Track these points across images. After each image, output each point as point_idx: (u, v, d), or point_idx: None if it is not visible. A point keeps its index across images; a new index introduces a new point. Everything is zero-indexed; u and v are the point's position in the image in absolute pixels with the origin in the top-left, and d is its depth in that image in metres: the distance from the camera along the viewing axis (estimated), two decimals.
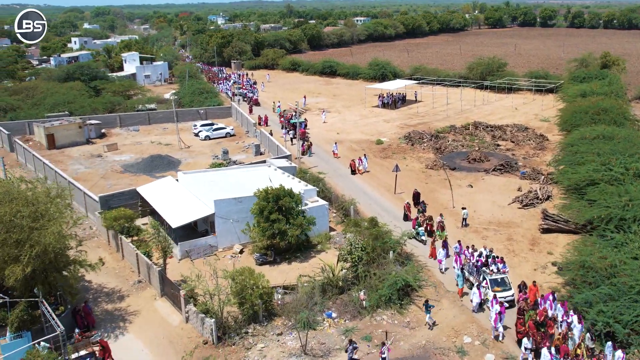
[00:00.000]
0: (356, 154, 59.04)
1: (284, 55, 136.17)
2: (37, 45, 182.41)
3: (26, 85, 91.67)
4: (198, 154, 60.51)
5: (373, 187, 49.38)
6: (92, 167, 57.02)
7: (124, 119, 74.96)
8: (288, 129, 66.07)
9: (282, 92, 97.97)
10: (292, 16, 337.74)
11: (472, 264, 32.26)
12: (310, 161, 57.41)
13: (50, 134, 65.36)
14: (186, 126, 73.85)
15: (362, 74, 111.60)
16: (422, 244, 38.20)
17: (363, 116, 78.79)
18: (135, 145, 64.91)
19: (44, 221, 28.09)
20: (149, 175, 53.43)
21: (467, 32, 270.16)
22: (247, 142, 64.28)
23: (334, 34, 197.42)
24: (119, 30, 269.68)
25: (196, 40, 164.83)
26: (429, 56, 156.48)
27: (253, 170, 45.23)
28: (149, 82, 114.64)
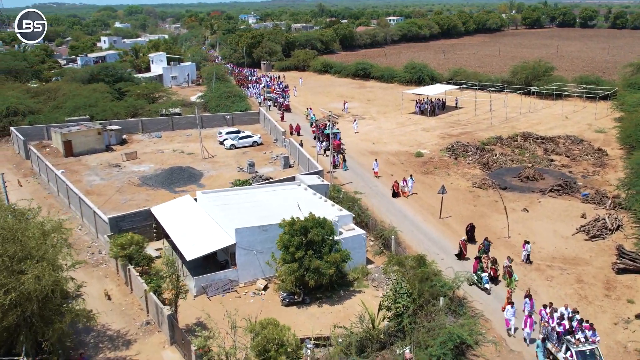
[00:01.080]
0: (394, 169, 53.72)
1: (316, 57, 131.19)
2: (66, 44, 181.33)
3: (48, 86, 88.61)
4: (222, 165, 55.89)
5: (415, 209, 43.96)
6: (108, 179, 52.85)
7: (147, 125, 70.90)
8: (322, 140, 60.82)
9: (314, 96, 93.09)
10: (324, 15, 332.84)
11: (552, 329, 26.51)
12: (344, 176, 52.24)
13: (67, 140, 61.58)
14: (211, 133, 69.44)
15: (398, 77, 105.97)
16: (486, 293, 31.87)
17: (400, 124, 73.30)
18: (155, 154, 60.64)
19: (30, 262, 23.53)
20: (168, 190, 49.01)
21: (503, 32, 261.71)
22: (275, 153, 59.46)
23: (366, 34, 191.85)
24: (150, 29, 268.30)
25: (226, 40, 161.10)
26: (466, 58, 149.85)
27: (280, 189, 40.29)
28: (175, 83, 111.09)
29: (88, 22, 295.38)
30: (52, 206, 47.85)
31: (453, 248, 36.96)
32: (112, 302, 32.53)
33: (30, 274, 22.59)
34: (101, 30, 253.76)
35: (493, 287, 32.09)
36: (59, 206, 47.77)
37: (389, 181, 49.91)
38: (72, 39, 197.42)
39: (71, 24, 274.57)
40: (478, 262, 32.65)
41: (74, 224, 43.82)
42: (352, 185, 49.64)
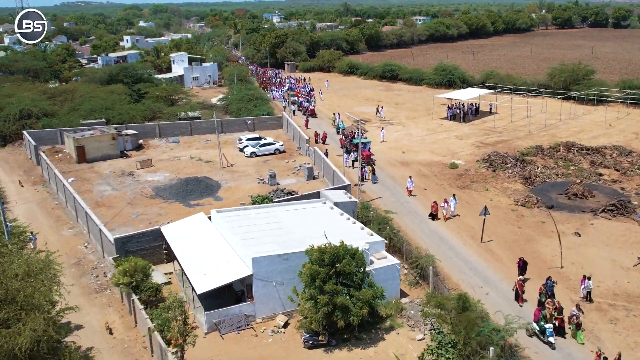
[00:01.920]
0: (427, 182, 49.43)
1: (341, 57, 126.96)
2: (90, 43, 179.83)
3: (66, 87, 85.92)
4: (241, 176, 52.17)
5: (452, 231, 39.68)
6: (120, 189, 49.49)
7: (164, 129, 67.59)
8: (350, 150, 56.55)
9: (339, 99, 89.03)
10: (349, 15, 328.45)
11: None
12: (373, 190, 48.10)
13: (80, 146, 58.50)
14: (231, 139, 65.89)
15: (427, 79, 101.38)
16: (550, 348, 26.67)
17: (431, 130, 68.88)
18: (171, 162, 57.20)
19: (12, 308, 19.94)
20: (182, 203, 45.44)
21: (533, 32, 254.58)
22: (298, 162, 55.58)
23: (393, 34, 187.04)
24: (174, 28, 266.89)
25: (249, 40, 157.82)
26: (496, 59, 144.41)
27: (304, 208, 36.37)
28: (196, 84, 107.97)
29: (113, 21, 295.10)
30: (60, 218, 44.72)
31: (498, 279, 32.69)
32: (113, 337, 28.94)
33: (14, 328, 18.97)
34: (125, 29, 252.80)
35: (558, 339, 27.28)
36: (66, 218, 44.53)
37: (423, 197, 45.73)
38: (95, 38, 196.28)
39: (96, 23, 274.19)
40: (540, 310, 27.77)
41: (80, 240, 40.62)
42: (382, 200, 45.51)
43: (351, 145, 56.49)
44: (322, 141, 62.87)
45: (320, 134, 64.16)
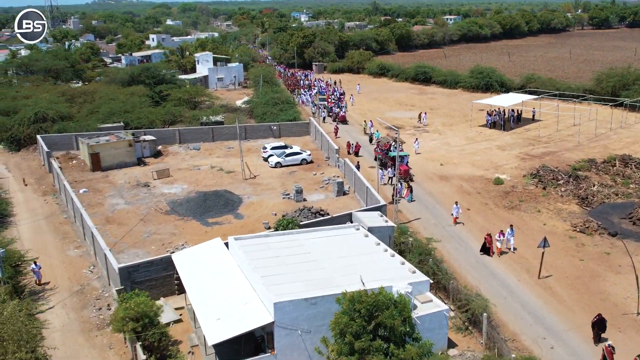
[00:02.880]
0: (470, 201, 44.46)
1: (371, 58, 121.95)
2: (116, 42, 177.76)
3: (85, 88, 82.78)
4: (265, 189, 47.82)
5: (504, 262, 34.73)
6: (133, 202, 45.58)
7: (184, 135, 63.74)
8: (385, 163, 51.41)
9: (369, 103, 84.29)
10: (378, 14, 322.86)
11: None
12: (410, 209, 43.33)
13: (94, 153, 54.89)
14: (254, 146, 61.77)
15: (462, 82, 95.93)
16: None
17: (470, 139, 63.75)
18: (190, 172, 53.17)
19: None
20: (199, 221, 41.30)
21: (569, 32, 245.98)
22: (326, 174, 51.04)
23: (424, 33, 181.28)
24: (201, 26, 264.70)
25: (276, 39, 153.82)
26: (533, 61, 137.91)
27: (334, 235, 31.81)
28: (221, 85, 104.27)
29: (140, 19, 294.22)
30: (67, 235, 40.94)
31: (563, 328, 27.70)
32: None
33: None
34: (152, 28, 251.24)
35: None
36: (74, 235, 40.73)
37: (467, 218, 40.81)
38: (122, 37, 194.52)
39: (123, 21, 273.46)
40: None
41: (86, 262, 36.70)
42: (421, 222, 40.75)
43: (387, 159, 51.55)
44: (355, 153, 58.03)
45: (353, 144, 59.21)
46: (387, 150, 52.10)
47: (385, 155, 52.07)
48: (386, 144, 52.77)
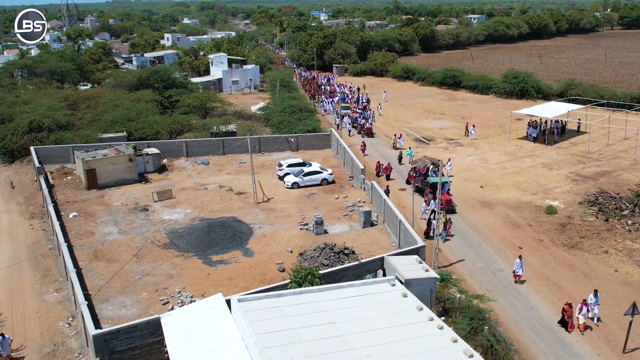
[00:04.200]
0: (521, 235, 37.64)
1: (395, 60, 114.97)
2: (130, 40, 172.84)
3: (89, 93, 77.12)
4: (280, 217, 41.40)
5: (578, 330, 27.90)
6: (128, 232, 39.47)
7: (192, 147, 57.69)
8: (419, 185, 44.34)
9: (395, 111, 77.56)
10: (399, 12, 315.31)
11: None
12: (451, 247, 36.64)
13: (90, 169, 48.97)
14: (269, 161, 55.53)
15: (495, 87, 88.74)
16: None
17: (510, 155, 56.82)
18: (196, 192, 46.95)
19: None
20: (202, 258, 35.06)
21: (598, 33, 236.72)
22: (350, 199, 44.45)
23: (449, 33, 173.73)
24: (218, 25, 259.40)
25: (295, 39, 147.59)
26: (565, 63, 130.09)
27: (364, 295, 25.30)
28: (236, 89, 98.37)
29: (157, 18, 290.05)
30: (49, 272, 34.99)
31: None
32: None
33: None
34: (169, 27, 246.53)
35: None
36: (55, 274, 34.72)
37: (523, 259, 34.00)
38: (136, 36, 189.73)
39: (140, 20, 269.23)
40: None
41: (65, 311, 30.61)
42: (466, 265, 34.07)
43: (425, 185, 44.04)
44: (386, 175, 50.52)
45: (384, 165, 51.56)
46: (424, 174, 44.81)
47: (422, 180, 44.67)
48: (423, 166, 45.32)
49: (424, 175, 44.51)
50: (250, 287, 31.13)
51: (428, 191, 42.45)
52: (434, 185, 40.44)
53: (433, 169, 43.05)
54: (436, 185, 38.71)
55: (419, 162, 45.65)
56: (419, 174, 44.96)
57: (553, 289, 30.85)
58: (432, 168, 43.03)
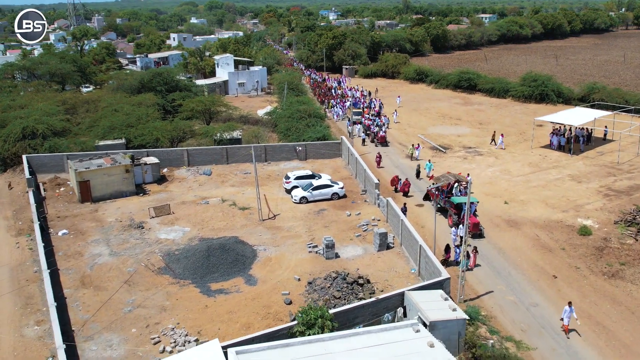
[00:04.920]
0: (553, 261, 33.84)
1: (407, 62, 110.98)
2: (136, 40, 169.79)
3: (88, 97, 73.89)
4: (286, 237, 37.81)
5: None
6: (120, 253, 36.01)
7: (194, 156, 54.25)
8: (442, 205, 39.92)
9: (408, 115, 73.71)
10: (409, 12, 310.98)
11: None
12: (478, 276, 32.83)
13: (83, 181, 45.61)
14: (275, 171, 51.99)
15: (512, 90, 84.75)
16: None
17: (534, 166, 52.96)
18: (196, 207, 43.44)
19: None
20: (199, 287, 31.54)
21: (613, 33, 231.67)
22: (364, 216, 40.77)
23: (461, 34, 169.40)
24: (226, 25, 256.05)
25: (303, 39, 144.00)
26: (583, 65, 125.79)
27: (383, 344, 21.68)
28: (242, 91, 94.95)
29: (165, 17, 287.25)
30: (31, 300, 31.55)
31: None
32: None
33: None
34: (177, 26, 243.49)
35: None
36: (38, 302, 31.23)
37: (556, 294, 30.22)
38: (143, 35, 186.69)
39: (147, 19, 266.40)
40: None
41: (44, 349, 27.19)
42: (495, 298, 30.31)
43: (449, 206, 39.15)
44: (404, 192, 45.76)
45: (402, 180, 46.67)
46: (448, 192, 40.49)
47: (446, 200, 40.05)
48: (446, 184, 40.85)
49: (447, 193, 40.33)
50: (252, 323, 27.63)
51: (452, 212, 38.21)
52: (459, 206, 36.58)
53: (458, 187, 39.07)
54: (462, 206, 35.00)
55: (441, 179, 40.83)
56: (442, 191, 40.71)
57: (597, 329, 27.08)
58: (456, 186, 39.04)
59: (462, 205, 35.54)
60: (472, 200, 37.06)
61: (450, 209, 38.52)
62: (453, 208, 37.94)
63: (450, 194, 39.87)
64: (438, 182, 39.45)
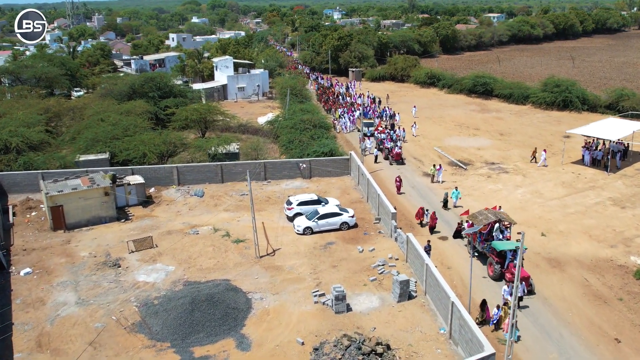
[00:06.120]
0: (609, 314, 27.81)
1: (417, 64, 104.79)
2: (135, 40, 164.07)
3: (74, 104, 68.14)
4: (288, 281, 31.78)
5: None
6: (88, 302, 30.09)
7: (184, 174, 48.35)
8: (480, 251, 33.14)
9: (421, 124, 67.32)
10: (415, 11, 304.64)
11: None
12: (525, 340, 26.68)
13: (56, 205, 39.77)
14: (276, 192, 46.03)
15: (533, 96, 78.60)
16: None
17: (568, 186, 46.87)
18: (184, 239, 37.51)
19: None
20: (179, 353, 25.58)
21: (626, 33, 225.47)
22: (379, 252, 34.69)
23: (471, 34, 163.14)
24: (228, 24, 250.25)
25: (307, 40, 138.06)
26: (600, 67, 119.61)
27: None
28: (242, 96, 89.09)
29: (166, 17, 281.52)
30: None
31: None
32: None
33: None
34: (177, 26, 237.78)
35: None
36: None
37: None
38: (142, 35, 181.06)
39: (147, 18, 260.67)
40: None
41: None
42: None
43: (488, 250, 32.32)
44: (430, 227, 38.27)
45: (428, 213, 39.38)
46: (487, 234, 33.27)
47: (484, 242, 33.04)
48: (487, 224, 32.65)
49: (487, 235, 33.19)
50: None
51: (494, 261, 31.17)
52: (502, 254, 30.33)
53: (499, 227, 32.59)
54: (506, 253, 28.75)
55: (479, 217, 32.85)
56: (481, 234, 33.00)
57: None
58: (497, 226, 32.58)
59: (507, 253, 29.41)
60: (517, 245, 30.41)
61: (490, 255, 31.85)
62: (494, 256, 31.29)
63: (489, 235, 33.13)
64: (475, 222, 32.55)
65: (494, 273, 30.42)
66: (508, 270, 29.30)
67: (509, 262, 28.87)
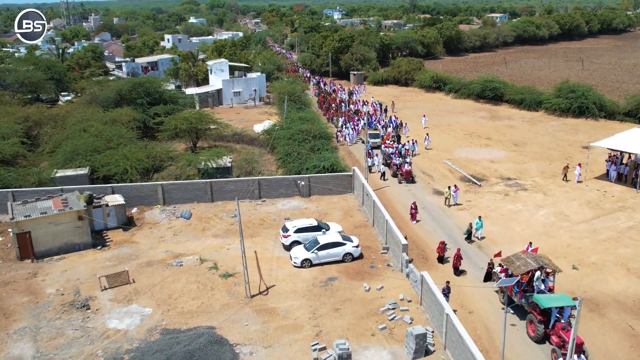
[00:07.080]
0: None
1: (422, 67, 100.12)
2: (131, 40, 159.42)
3: (57, 112, 63.61)
4: (282, 329, 27.18)
5: None
6: (48, 355, 25.54)
7: (170, 192, 43.77)
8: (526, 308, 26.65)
9: (430, 133, 62.72)
10: (416, 11, 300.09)
11: None
12: None
13: (22, 232, 35.24)
14: (271, 214, 41.41)
15: (546, 102, 73.96)
16: None
17: (595, 206, 42.25)
18: (165, 272, 32.92)
19: None
20: None
21: (632, 33, 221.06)
22: (388, 292, 30.06)
23: (475, 35, 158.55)
24: (226, 25, 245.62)
25: (307, 41, 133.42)
26: (611, 69, 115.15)
27: None
28: (238, 101, 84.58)
29: (163, 17, 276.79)
30: None
31: None
32: None
33: None
34: (175, 26, 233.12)
35: None
36: None
37: None
38: (138, 36, 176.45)
39: (144, 19, 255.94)
40: None
41: None
42: None
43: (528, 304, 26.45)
44: (455, 268, 32.49)
45: (449, 247, 34.19)
46: (527, 284, 27.46)
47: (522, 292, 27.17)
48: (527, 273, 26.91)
49: (526, 285, 27.33)
50: None
51: (536, 320, 25.23)
52: (546, 312, 24.94)
53: (540, 276, 27.22)
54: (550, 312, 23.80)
55: (517, 263, 27.01)
56: (519, 284, 27.34)
57: None
58: (538, 275, 27.08)
59: (552, 310, 24.43)
60: (570, 304, 24.74)
61: (531, 311, 25.93)
62: (537, 313, 25.40)
63: (529, 285, 27.31)
64: (511, 268, 27.00)
65: (536, 334, 25.14)
66: (554, 332, 24.26)
67: (554, 321, 24.01)
